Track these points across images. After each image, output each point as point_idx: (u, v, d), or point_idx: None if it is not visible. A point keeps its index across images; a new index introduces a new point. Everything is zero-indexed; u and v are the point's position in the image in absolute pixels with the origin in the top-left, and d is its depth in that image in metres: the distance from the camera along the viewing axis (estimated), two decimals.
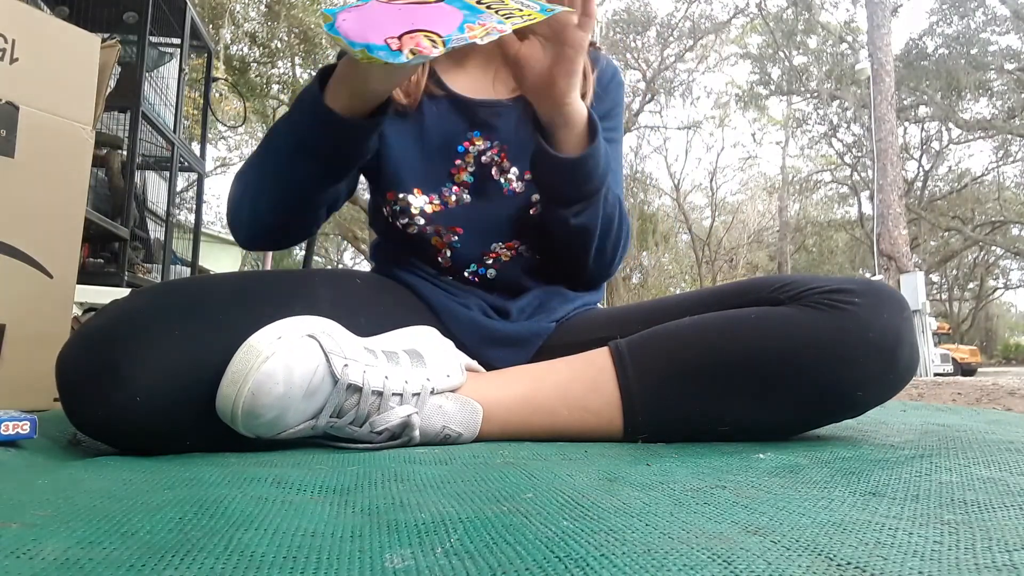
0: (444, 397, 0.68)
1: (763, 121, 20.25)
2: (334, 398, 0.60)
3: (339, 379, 0.60)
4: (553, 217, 0.84)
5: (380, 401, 0.63)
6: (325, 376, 0.60)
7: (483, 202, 0.88)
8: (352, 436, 0.64)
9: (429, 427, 0.66)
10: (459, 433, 0.68)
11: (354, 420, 0.62)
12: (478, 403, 0.70)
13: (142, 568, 0.30)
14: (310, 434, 0.62)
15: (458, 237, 0.88)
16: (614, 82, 0.97)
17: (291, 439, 0.62)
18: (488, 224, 0.88)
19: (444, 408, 0.67)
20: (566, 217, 0.82)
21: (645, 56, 17.76)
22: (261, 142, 0.81)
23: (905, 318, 0.69)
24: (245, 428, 0.59)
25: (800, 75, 17.58)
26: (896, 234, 10.72)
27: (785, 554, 0.32)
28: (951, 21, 17.12)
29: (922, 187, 19.23)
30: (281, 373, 0.57)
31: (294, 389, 0.58)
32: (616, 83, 0.97)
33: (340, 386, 0.60)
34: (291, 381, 0.58)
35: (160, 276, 2.96)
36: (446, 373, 0.69)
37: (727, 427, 0.70)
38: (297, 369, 0.58)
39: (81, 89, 1.06)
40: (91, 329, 0.62)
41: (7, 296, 0.95)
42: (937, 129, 18.65)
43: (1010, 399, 3.50)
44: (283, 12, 11.71)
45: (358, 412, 0.62)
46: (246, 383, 0.57)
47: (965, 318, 22.93)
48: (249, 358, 0.57)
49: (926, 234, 19.28)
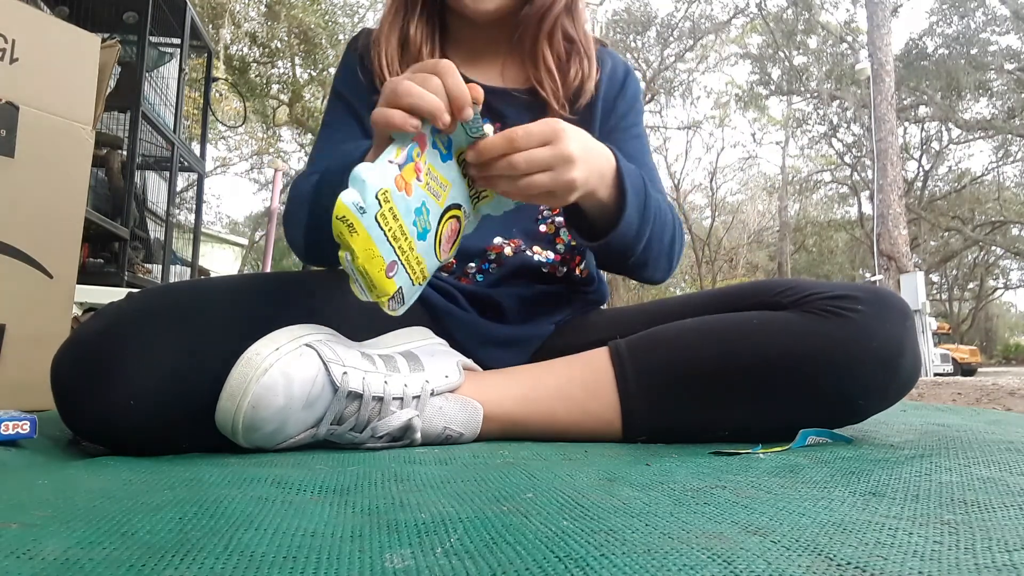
0: (444, 398, 0.68)
1: (763, 121, 20.25)
2: (334, 406, 0.60)
3: (339, 387, 0.60)
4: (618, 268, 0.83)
5: (380, 406, 0.63)
6: (325, 385, 0.59)
7: None
8: (353, 441, 0.64)
9: (430, 429, 0.66)
10: (460, 433, 0.68)
11: (354, 426, 0.62)
12: (478, 402, 0.70)
13: (142, 568, 0.30)
14: (310, 442, 0.62)
15: None
16: (631, 77, 0.96)
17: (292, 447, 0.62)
18: (492, 218, 0.87)
19: (444, 409, 0.67)
20: (629, 267, 0.81)
21: (645, 56, 17.76)
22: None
23: (908, 327, 0.68)
24: (246, 440, 0.59)
25: (800, 75, 17.57)
26: (896, 234, 10.72)
27: (785, 554, 0.32)
28: (951, 21, 17.11)
29: (922, 187, 19.22)
30: (281, 385, 0.57)
31: (294, 400, 0.58)
32: (634, 78, 0.97)
33: (340, 394, 0.60)
34: (291, 392, 0.57)
35: (160, 276, 2.96)
36: (444, 374, 0.69)
37: (726, 431, 0.69)
38: (296, 379, 0.58)
39: (81, 89, 1.06)
40: (86, 333, 0.61)
41: (7, 296, 0.95)
42: (937, 129, 18.65)
43: (1010, 399, 3.51)
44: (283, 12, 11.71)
45: (358, 418, 0.62)
46: (245, 397, 0.56)
47: (965, 318, 22.92)
48: (247, 371, 0.57)
49: (926, 234, 19.27)
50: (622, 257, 0.78)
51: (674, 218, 0.85)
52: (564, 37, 0.89)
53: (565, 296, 0.91)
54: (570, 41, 0.90)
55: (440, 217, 0.62)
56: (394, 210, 0.57)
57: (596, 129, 0.91)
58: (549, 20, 0.87)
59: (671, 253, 0.85)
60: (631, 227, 0.74)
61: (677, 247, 0.86)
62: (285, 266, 12.32)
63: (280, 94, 13.35)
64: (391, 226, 0.57)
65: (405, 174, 0.58)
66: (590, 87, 0.89)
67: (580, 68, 0.89)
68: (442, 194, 0.62)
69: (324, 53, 12.12)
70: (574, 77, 0.88)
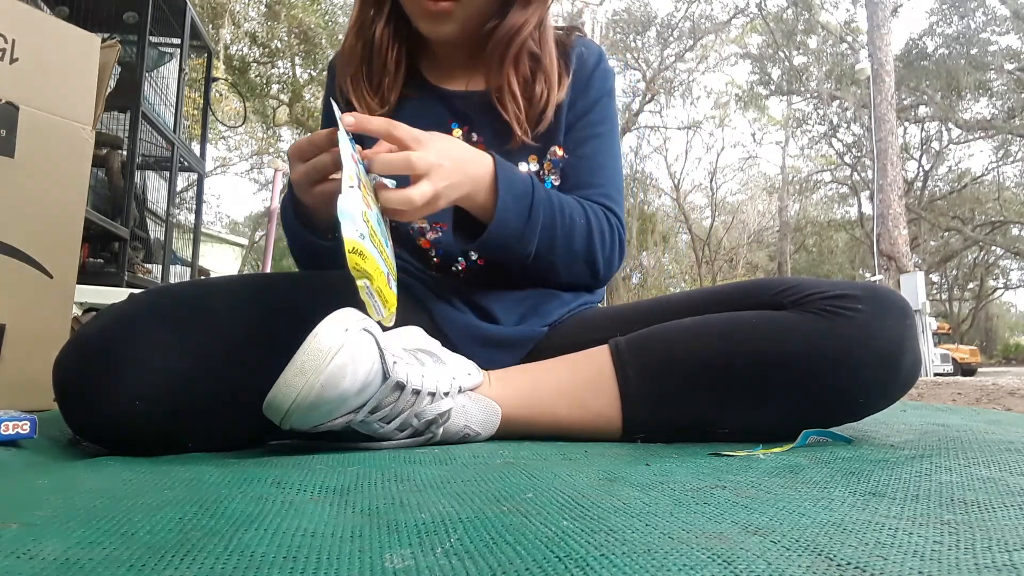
0: (467, 397, 0.69)
1: (763, 121, 20.25)
2: (380, 394, 0.60)
3: (389, 376, 0.60)
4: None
5: (416, 399, 0.63)
6: (378, 373, 0.60)
7: None
8: (375, 433, 0.63)
9: (451, 426, 0.67)
10: (478, 432, 0.69)
11: (385, 416, 0.62)
12: (497, 404, 0.70)
13: (142, 568, 0.30)
14: (339, 429, 0.61)
15: (443, 233, 0.88)
16: (599, 70, 0.93)
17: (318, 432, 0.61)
18: None
19: (467, 408, 0.68)
20: (530, 269, 0.83)
21: (645, 56, 17.78)
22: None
23: (908, 326, 0.68)
24: (295, 420, 0.58)
25: (800, 75, 17.58)
26: (896, 234, 10.72)
27: (785, 554, 0.32)
28: (951, 21, 17.12)
29: (922, 187, 19.23)
30: (350, 367, 0.57)
31: (356, 384, 0.58)
32: (602, 71, 0.94)
33: (389, 383, 0.61)
34: (356, 376, 0.58)
35: (160, 276, 2.96)
36: (467, 371, 0.69)
37: (726, 429, 0.69)
38: (362, 364, 0.58)
39: (81, 89, 1.06)
40: (89, 333, 0.61)
41: (7, 296, 0.95)
42: (937, 129, 18.66)
43: (1010, 399, 3.50)
44: (283, 12, 11.72)
45: (393, 409, 0.62)
46: (319, 375, 0.56)
47: (965, 318, 22.92)
48: (322, 349, 0.56)
49: (926, 234, 19.28)
50: (513, 257, 0.81)
51: (597, 225, 0.85)
52: (530, 56, 0.88)
53: (557, 295, 0.91)
54: (536, 60, 0.89)
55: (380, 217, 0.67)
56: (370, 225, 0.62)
57: (562, 134, 0.90)
58: (517, 44, 0.86)
59: (591, 258, 0.86)
60: (508, 228, 0.77)
61: (601, 254, 0.87)
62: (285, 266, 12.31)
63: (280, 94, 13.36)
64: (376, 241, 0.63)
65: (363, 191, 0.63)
66: (550, 114, 0.88)
67: (545, 87, 0.88)
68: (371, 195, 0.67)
69: (324, 53, 12.12)
70: (539, 97, 0.87)
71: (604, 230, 0.87)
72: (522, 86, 0.87)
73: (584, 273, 0.87)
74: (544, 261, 0.82)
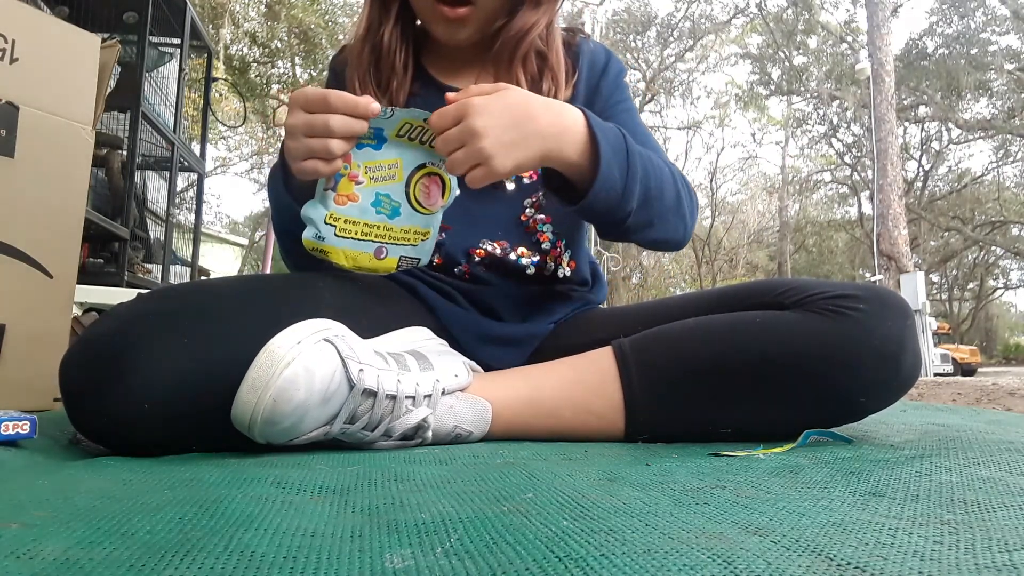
0: (454, 397, 0.68)
1: (763, 121, 20.24)
2: (350, 403, 0.60)
3: (355, 384, 0.59)
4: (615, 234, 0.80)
5: (393, 405, 0.62)
6: (342, 382, 0.59)
7: (470, 199, 0.87)
8: (363, 441, 0.63)
9: (441, 427, 0.67)
10: (470, 432, 0.69)
11: (367, 425, 0.62)
12: (487, 400, 0.70)
13: (142, 568, 0.30)
14: (321, 440, 0.62)
15: (446, 234, 0.88)
16: (611, 59, 0.96)
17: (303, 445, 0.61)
18: (476, 221, 0.87)
19: (455, 408, 0.68)
20: (630, 229, 0.78)
21: (645, 56, 17.78)
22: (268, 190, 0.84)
23: (909, 325, 0.68)
24: (261, 435, 0.58)
25: (800, 75, 17.57)
26: (896, 234, 10.72)
27: (785, 554, 0.32)
28: (951, 21, 17.12)
29: (922, 187, 19.22)
30: (303, 378, 0.56)
31: (313, 395, 0.57)
32: (613, 59, 0.96)
33: (356, 391, 0.60)
34: (311, 387, 0.57)
35: (160, 276, 2.96)
36: (454, 373, 0.69)
37: (728, 429, 0.70)
38: (317, 374, 0.57)
39: (81, 89, 1.06)
40: (96, 334, 0.61)
41: (7, 296, 0.95)
42: (937, 129, 18.66)
43: (1010, 399, 3.51)
44: (283, 12, 11.71)
45: (371, 417, 0.62)
46: (267, 390, 0.56)
47: (965, 318, 22.92)
48: (270, 364, 0.56)
49: (926, 234, 19.28)
50: (614, 218, 0.75)
51: (676, 174, 0.83)
52: (537, 55, 0.90)
53: (560, 295, 0.91)
54: (543, 59, 0.90)
55: (405, 188, 0.73)
56: (349, 219, 0.70)
57: None
58: (525, 45, 0.88)
59: (681, 210, 0.82)
60: (612, 182, 0.72)
61: (687, 204, 0.83)
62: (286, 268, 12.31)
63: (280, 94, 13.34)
64: (356, 229, 0.71)
65: (342, 189, 0.69)
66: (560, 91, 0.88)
67: (552, 85, 0.89)
68: (396, 172, 0.72)
69: (324, 53, 12.12)
70: (546, 94, 0.88)
71: (682, 180, 0.84)
72: (529, 84, 0.88)
73: (678, 227, 0.83)
74: (643, 216, 0.77)
